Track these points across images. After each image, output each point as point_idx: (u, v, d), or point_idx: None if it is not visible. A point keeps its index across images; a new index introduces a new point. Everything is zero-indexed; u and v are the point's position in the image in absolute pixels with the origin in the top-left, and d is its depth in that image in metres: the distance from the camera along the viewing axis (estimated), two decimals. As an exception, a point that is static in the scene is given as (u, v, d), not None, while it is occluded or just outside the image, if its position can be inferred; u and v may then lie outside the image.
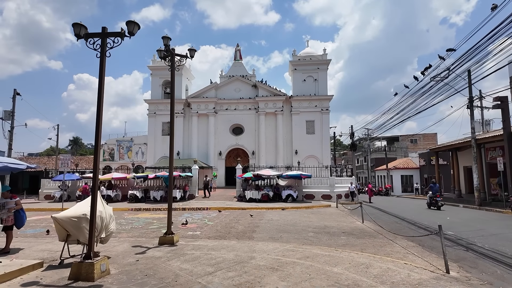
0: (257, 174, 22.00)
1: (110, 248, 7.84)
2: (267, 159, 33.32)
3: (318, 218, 14.51)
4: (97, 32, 5.91)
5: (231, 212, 16.73)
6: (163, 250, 7.63)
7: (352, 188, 23.17)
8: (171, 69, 8.90)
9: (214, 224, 12.46)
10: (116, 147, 36.75)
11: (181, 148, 34.68)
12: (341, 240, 9.35)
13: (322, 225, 12.35)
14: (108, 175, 23.54)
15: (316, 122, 34.35)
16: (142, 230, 11.46)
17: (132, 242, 8.65)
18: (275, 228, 11.40)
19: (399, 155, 55.21)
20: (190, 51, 9.13)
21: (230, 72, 36.85)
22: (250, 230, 11.01)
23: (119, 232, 11.03)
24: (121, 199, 23.05)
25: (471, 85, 20.73)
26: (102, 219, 6.46)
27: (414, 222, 12.91)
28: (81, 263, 5.29)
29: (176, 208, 18.25)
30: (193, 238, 9.45)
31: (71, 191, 24.38)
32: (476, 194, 20.16)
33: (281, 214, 16.04)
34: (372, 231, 10.97)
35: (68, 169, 19.89)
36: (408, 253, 7.64)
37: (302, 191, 23.12)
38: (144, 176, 22.71)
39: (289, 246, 7.83)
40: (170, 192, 8.67)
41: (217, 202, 20.82)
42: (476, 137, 20.77)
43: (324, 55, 35.75)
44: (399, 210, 18.61)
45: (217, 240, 9.10)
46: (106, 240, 6.91)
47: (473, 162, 20.78)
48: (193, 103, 35.29)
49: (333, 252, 7.29)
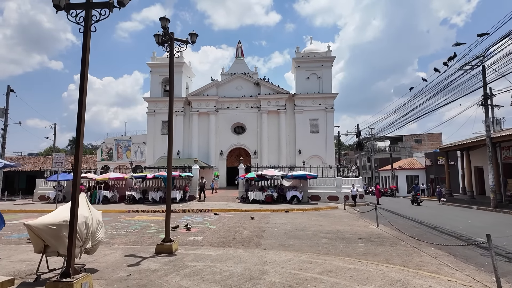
0: (260, 174, 21.01)
1: (100, 258, 6.85)
2: (270, 159, 32.30)
3: (328, 221, 13.52)
4: (80, 3, 4.92)
5: (234, 215, 15.73)
6: (160, 261, 6.63)
7: (354, 191, 21.58)
8: (170, 55, 7.91)
9: (216, 228, 11.47)
10: (115, 147, 35.74)
11: (181, 148, 33.67)
12: (360, 247, 8.35)
13: (335, 229, 11.35)
14: (105, 175, 22.56)
15: (320, 120, 33.33)
16: (138, 235, 10.46)
17: (126, 250, 7.65)
18: (283, 233, 10.41)
19: (403, 155, 54.18)
20: (192, 36, 8.14)
21: (231, 70, 35.83)
22: (256, 236, 10.02)
23: (113, 237, 10.04)
24: (119, 200, 22.06)
25: (485, 81, 19.75)
26: (87, 226, 5.47)
27: (434, 227, 11.89)
28: (57, 282, 4.30)
29: (175, 210, 17.27)
30: (194, 245, 8.45)
31: (66, 191, 23.33)
32: (492, 196, 19.16)
33: (287, 216, 15.04)
34: (390, 236, 9.97)
35: (62, 168, 18.92)
36: (442, 265, 6.64)
37: (308, 192, 22.12)
38: (142, 176, 21.71)
39: (305, 257, 6.83)
40: (169, 195, 7.66)
41: (218, 204, 19.82)
42: (491, 135, 19.75)
43: (328, 52, 34.74)
44: (411, 213, 17.60)
45: (221, 248, 8.10)
46: (93, 250, 5.91)
47: (488, 162, 19.76)
48: (193, 101, 34.29)
49: (358, 264, 6.29)
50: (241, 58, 36.36)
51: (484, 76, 19.67)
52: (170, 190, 7.63)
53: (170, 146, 8.00)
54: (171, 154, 8.01)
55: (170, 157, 8.01)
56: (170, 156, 8.00)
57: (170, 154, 8.00)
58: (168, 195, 7.65)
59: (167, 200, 7.63)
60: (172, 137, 7.98)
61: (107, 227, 12.11)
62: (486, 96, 19.90)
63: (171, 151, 8.06)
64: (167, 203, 7.62)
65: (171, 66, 7.97)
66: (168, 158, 8.00)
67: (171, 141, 8.01)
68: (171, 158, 8.04)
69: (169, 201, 7.63)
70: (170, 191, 7.65)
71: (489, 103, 21.65)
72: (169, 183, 7.69)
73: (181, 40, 8.12)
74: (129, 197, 21.09)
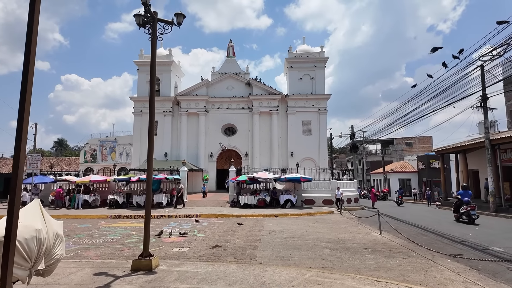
0: (252, 177, 19.93)
1: (62, 279, 5.65)
2: (261, 161, 31.21)
3: (326, 228, 12.52)
4: None
5: (224, 220, 14.58)
6: (135, 281, 5.47)
7: (339, 194, 19.82)
8: (152, 37, 6.79)
9: (205, 237, 10.31)
10: (99, 148, 34.05)
11: (169, 149, 32.29)
12: (369, 260, 7.35)
13: (335, 237, 10.35)
14: (86, 178, 21.09)
15: (313, 122, 32.46)
16: (117, 245, 9.23)
17: (97, 267, 6.45)
18: (280, 243, 9.34)
19: (394, 158, 53.94)
20: (178, 16, 7.05)
21: (222, 69, 34.67)
22: (250, 246, 8.92)
23: (87, 248, 8.80)
24: (100, 205, 20.62)
25: (484, 82, 19.21)
26: (39, 241, 4.29)
27: (442, 234, 11.01)
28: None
29: (161, 216, 16.03)
30: (178, 259, 7.30)
31: (44, 195, 21.76)
32: (491, 200, 18.54)
33: (282, 222, 13.98)
34: (398, 245, 9.02)
35: (38, 170, 17.46)
36: (468, 282, 5.68)
37: (302, 195, 21.14)
38: (126, 179, 20.32)
39: (310, 275, 5.77)
40: (148, 202, 6.50)
41: (208, 208, 18.63)
42: (490, 137, 19.18)
43: (322, 52, 34.00)
44: (412, 218, 16.79)
45: (210, 262, 6.97)
46: (49, 271, 4.72)
47: (487, 165, 19.17)
48: (182, 101, 32.99)
49: (375, 285, 5.26)
50: (232, 58, 35.25)
51: (482, 76, 19.14)
52: (150, 195, 6.47)
53: (150, 145, 6.85)
54: (151, 154, 6.86)
55: (151, 158, 6.85)
56: (151, 156, 6.84)
57: (151, 154, 6.84)
58: (148, 202, 6.49)
59: (147, 206, 6.46)
60: (153, 132, 6.85)
61: (83, 235, 10.84)
62: (485, 97, 19.36)
63: (151, 151, 6.92)
64: (146, 209, 6.45)
65: (153, 51, 6.84)
66: (148, 160, 6.84)
67: (152, 138, 6.87)
68: (151, 159, 6.89)
69: (148, 207, 6.46)
70: (150, 196, 6.49)
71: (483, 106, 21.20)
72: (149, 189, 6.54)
73: (165, 21, 7.02)
74: (111, 201, 19.69)
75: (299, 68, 33.32)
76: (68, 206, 20.05)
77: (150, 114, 6.81)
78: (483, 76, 19.16)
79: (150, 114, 6.81)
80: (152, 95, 6.92)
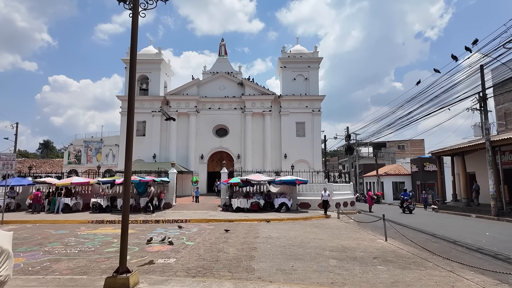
0: (245, 180, 18.91)
1: (15, 303, 4.54)
2: (254, 164, 30.19)
3: (326, 234, 11.59)
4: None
5: (216, 226, 13.51)
6: (107, 306, 4.40)
7: (326, 196, 18.54)
8: (133, 13, 5.77)
9: (195, 245, 9.25)
10: (84, 149, 32.52)
11: (158, 151, 30.98)
12: (382, 273, 6.43)
13: (338, 245, 9.42)
14: (67, 180, 19.71)
15: (307, 124, 31.66)
16: (94, 255, 8.09)
17: (63, 285, 5.34)
18: (279, 252, 8.35)
19: (386, 160, 53.66)
20: (164, -11, 6.05)
21: (214, 68, 33.61)
22: (246, 256, 7.91)
23: (58, 259, 7.65)
24: (83, 209, 19.25)
25: (483, 81, 18.72)
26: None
27: (454, 241, 10.19)
28: None
29: (148, 221, 14.86)
30: (163, 273, 6.25)
31: (21, 198, 20.31)
32: (492, 203, 17.97)
33: (278, 228, 13.00)
34: (409, 254, 8.15)
35: (13, 171, 16.08)
36: (506, 302, 4.80)
37: (297, 199, 20.20)
38: (110, 181, 19.04)
39: (321, 294, 4.79)
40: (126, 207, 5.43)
41: (198, 213, 17.52)
42: (490, 139, 18.64)
43: (316, 52, 33.37)
44: (413, 222, 16.02)
45: (200, 277, 5.94)
46: (-10, 297, 3.64)
47: (487, 167, 18.61)
48: (172, 100, 31.77)
49: (402, 308, 4.32)
50: (224, 57, 34.27)
51: (482, 76, 18.64)
52: (128, 199, 5.41)
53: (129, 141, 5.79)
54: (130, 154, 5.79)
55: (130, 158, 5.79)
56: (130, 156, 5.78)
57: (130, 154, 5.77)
58: (126, 206, 5.42)
59: (124, 213, 5.39)
60: (132, 127, 5.78)
61: (57, 244, 9.65)
62: (485, 98, 18.86)
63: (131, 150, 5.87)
64: (123, 215, 5.38)
65: (133, 28, 5.81)
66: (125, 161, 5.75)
67: (131, 133, 5.82)
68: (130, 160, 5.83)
69: (126, 214, 5.40)
70: (128, 201, 5.43)
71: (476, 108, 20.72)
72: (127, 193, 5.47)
73: (149, -5, 6.00)
74: (94, 205, 18.38)
75: (292, 69, 32.56)
76: (47, 210, 18.63)
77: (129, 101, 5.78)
78: (483, 76, 18.68)
79: (130, 102, 5.77)
80: (132, 82, 5.88)
